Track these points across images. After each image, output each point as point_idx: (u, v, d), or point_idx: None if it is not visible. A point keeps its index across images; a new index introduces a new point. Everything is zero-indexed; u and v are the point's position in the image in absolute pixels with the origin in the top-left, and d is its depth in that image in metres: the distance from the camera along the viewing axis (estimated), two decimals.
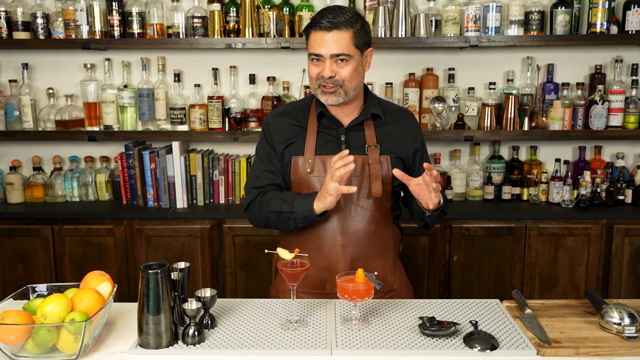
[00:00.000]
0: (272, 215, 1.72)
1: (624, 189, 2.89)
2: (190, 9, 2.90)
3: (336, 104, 1.72)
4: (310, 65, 1.72)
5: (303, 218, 1.67)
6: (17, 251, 2.81)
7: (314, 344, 1.40)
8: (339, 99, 1.70)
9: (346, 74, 1.68)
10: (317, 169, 1.73)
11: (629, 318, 1.43)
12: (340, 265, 1.72)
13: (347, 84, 1.69)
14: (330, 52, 1.66)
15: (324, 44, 1.66)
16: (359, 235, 1.73)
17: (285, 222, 1.71)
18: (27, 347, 1.31)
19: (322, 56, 1.67)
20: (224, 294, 2.81)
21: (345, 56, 1.67)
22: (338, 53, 1.66)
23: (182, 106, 2.95)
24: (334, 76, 1.67)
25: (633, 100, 2.89)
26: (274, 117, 1.83)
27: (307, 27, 1.72)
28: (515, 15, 2.84)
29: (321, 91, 1.71)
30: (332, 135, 1.76)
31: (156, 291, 1.35)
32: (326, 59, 1.67)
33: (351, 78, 1.69)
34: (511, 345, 1.39)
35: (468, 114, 2.96)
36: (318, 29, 1.67)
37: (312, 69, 1.71)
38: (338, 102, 1.71)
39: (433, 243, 2.76)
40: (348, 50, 1.66)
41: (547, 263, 2.77)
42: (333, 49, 1.66)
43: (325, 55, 1.67)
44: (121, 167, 2.94)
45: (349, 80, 1.69)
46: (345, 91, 1.70)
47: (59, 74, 3.08)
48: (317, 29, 1.67)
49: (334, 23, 1.66)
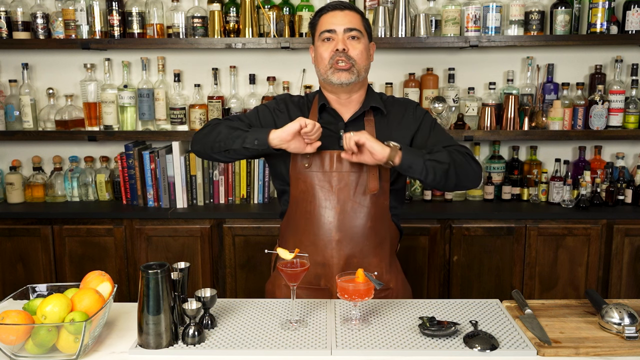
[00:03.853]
0: (223, 129, 1.71)
1: (624, 189, 2.89)
2: (190, 9, 2.90)
3: (348, 82, 1.71)
4: (321, 47, 1.74)
5: (254, 139, 1.65)
6: (17, 251, 2.81)
7: (314, 344, 1.40)
8: (351, 77, 1.71)
9: (357, 52, 1.71)
10: (315, 164, 1.72)
11: (629, 318, 1.43)
12: (335, 260, 1.71)
13: (358, 63, 1.72)
14: (344, 26, 1.71)
15: (337, 20, 1.72)
16: (354, 231, 1.72)
17: (231, 140, 1.68)
18: (27, 347, 1.31)
19: (335, 32, 1.71)
20: (224, 294, 2.81)
21: (358, 32, 1.72)
22: (351, 27, 1.71)
23: (182, 106, 2.95)
24: (347, 50, 1.70)
25: (633, 100, 2.89)
26: (281, 101, 1.85)
27: (315, 15, 1.78)
28: (515, 15, 2.84)
29: (333, 70, 1.71)
30: (331, 130, 1.76)
31: (156, 291, 1.35)
32: (339, 35, 1.71)
33: (362, 57, 1.73)
34: (511, 345, 1.39)
35: (468, 114, 2.96)
36: (330, 10, 1.74)
37: (324, 48, 1.73)
38: (350, 81, 1.71)
39: (433, 243, 2.76)
40: (360, 27, 1.73)
41: (547, 263, 2.77)
42: (346, 23, 1.71)
43: (339, 31, 1.71)
44: (121, 167, 2.94)
45: (360, 59, 1.72)
46: (357, 70, 1.72)
47: (59, 74, 3.08)
48: (329, 10, 1.75)
49: (345, 5, 1.75)
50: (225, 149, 1.71)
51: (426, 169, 1.62)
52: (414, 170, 1.63)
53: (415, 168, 1.62)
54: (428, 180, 1.64)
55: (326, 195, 1.71)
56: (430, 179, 1.64)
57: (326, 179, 1.71)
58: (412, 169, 1.63)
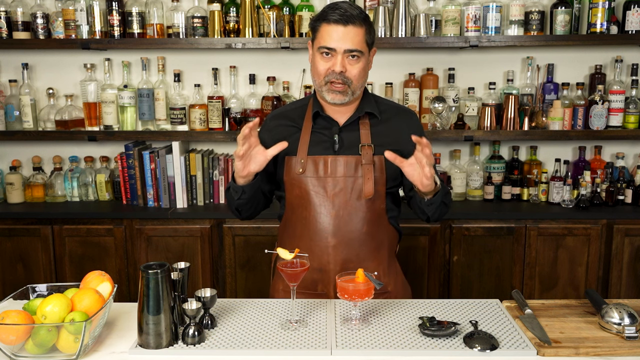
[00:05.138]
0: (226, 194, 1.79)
1: (624, 189, 2.89)
2: (190, 9, 2.90)
3: (341, 103, 1.69)
4: (318, 60, 1.67)
5: (234, 191, 1.69)
6: (17, 251, 2.81)
7: (314, 344, 1.40)
8: (345, 98, 1.68)
9: (356, 73, 1.65)
10: (309, 169, 1.70)
11: (629, 318, 1.43)
12: (331, 266, 1.70)
13: (354, 83, 1.67)
14: (345, 47, 1.62)
15: (339, 37, 1.62)
16: (350, 236, 1.70)
17: (229, 197, 1.75)
18: (27, 347, 1.31)
19: (335, 50, 1.63)
20: (224, 294, 2.81)
21: (358, 53, 1.64)
22: (352, 49, 1.63)
23: (182, 106, 2.95)
24: (344, 72, 1.64)
25: (633, 100, 2.89)
26: (272, 119, 1.83)
27: (318, 19, 1.67)
28: (515, 15, 2.84)
29: (328, 89, 1.67)
30: (325, 135, 1.74)
31: (156, 291, 1.35)
32: (338, 54, 1.63)
33: (359, 77, 1.67)
34: (511, 345, 1.39)
35: (468, 114, 2.96)
36: (333, 22, 1.62)
37: (321, 64, 1.66)
38: (343, 102, 1.69)
39: (433, 243, 2.76)
40: (361, 47, 1.64)
41: (547, 263, 2.77)
42: (347, 44, 1.62)
43: (339, 50, 1.63)
44: (121, 167, 2.94)
45: (357, 79, 1.67)
46: (352, 90, 1.68)
47: (59, 74, 3.08)
48: (332, 22, 1.62)
49: (349, 17, 1.62)
50: (236, 207, 1.77)
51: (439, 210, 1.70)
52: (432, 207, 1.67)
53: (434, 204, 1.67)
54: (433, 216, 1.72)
55: (321, 201, 1.70)
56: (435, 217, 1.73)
57: (321, 185, 1.70)
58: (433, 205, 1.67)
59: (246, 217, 1.82)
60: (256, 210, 1.81)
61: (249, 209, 1.77)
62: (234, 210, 1.79)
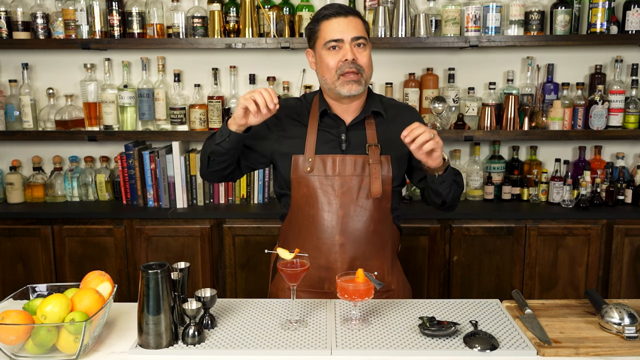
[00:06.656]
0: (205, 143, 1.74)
1: (624, 189, 2.89)
2: (190, 9, 2.90)
3: (357, 93, 1.70)
4: (326, 57, 1.69)
5: (220, 133, 1.67)
6: (17, 251, 2.81)
7: (314, 344, 1.40)
8: (360, 87, 1.69)
9: (366, 60, 1.69)
10: (317, 168, 1.71)
11: (629, 318, 1.43)
12: (338, 264, 1.72)
13: (366, 72, 1.69)
14: (351, 35, 1.66)
15: (343, 28, 1.66)
16: (357, 234, 1.72)
17: (208, 146, 1.71)
18: (27, 347, 1.31)
19: (342, 41, 1.66)
20: (224, 294, 2.81)
21: (364, 40, 1.68)
22: (358, 36, 1.67)
23: (182, 106, 2.95)
24: (356, 60, 1.66)
25: (633, 100, 2.89)
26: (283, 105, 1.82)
27: (315, 21, 1.71)
28: (515, 15, 2.84)
29: (342, 82, 1.68)
30: (332, 134, 1.75)
31: (156, 291, 1.35)
32: (346, 43, 1.66)
33: (369, 65, 1.70)
34: (511, 345, 1.39)
35: (468, 114, 2.96)
36: (333, 16, 1.67)
37: (331, 58, 1.68)
38: (359, 92, 1.70)
39: (433, 243, 2.76)
40: (364, 34, 1.69)
41: (547, 263, 2.77)
42: (353, 32, 1.66)
43: (346, 39, 1.66)
44: (121, 167, 2.94)
45: (367, 67, 1.70)
46: (365, 79, 1.70)
47: (59, 74, 3.08)
48: (332, 16, 1.67)
49: (347, 9, 1.69)
50: (208, 155, 1.72)
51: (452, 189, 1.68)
52: (445, 185, 1.66)
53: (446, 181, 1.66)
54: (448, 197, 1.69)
55: (329, 199, 1.71)
56: (450, 197, 1.70)
57: (328, 183, 1.71)
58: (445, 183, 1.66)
59: (210, 175, 1.78)
60: (223, 171, 1.77)
61: (220, 162, 1.72)
62: (204, 160, 1.74)
